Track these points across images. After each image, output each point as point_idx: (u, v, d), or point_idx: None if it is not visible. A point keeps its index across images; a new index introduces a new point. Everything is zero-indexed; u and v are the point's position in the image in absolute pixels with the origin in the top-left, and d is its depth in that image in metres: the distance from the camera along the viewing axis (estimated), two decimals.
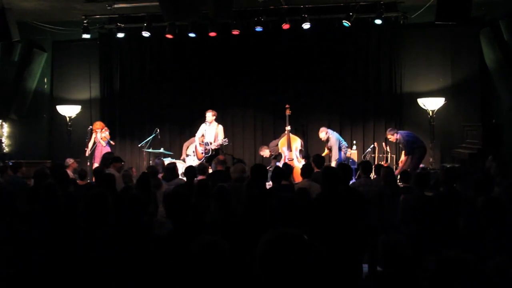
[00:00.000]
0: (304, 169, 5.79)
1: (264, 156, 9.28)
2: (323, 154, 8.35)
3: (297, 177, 7.10)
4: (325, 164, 7.12)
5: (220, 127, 8.95)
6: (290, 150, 8.95)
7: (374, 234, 3.58)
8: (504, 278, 1.61)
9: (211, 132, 8.89)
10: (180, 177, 6.74)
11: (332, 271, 2.79)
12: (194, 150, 9.15)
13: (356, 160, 9.00)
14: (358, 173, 6.92)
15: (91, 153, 9.49)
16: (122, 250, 3.14)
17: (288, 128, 9.03)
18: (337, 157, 8.55)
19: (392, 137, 8.39)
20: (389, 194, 5.14)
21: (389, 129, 8.59)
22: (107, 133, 9.43)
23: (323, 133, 8.86)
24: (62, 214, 4.09)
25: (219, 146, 8.81)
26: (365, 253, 4.10)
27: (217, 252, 2.10)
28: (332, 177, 3.98)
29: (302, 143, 9.20)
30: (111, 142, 9.50)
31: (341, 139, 8.99)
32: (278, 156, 9.20)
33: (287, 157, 8.91)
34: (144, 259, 3.08)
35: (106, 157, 7.62)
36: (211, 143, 8.77)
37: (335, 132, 9.02)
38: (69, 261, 3.10)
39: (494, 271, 1.63)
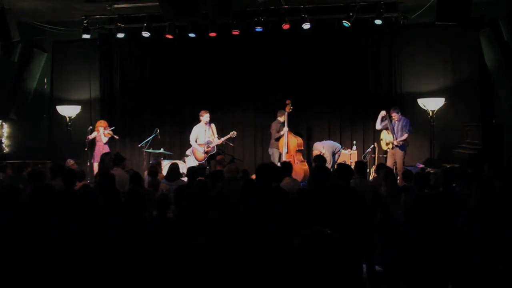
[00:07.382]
0: (284, 167, 5.64)
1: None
2: None
3: (295, 176, 7.07)
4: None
5: (213, 125, 9.06)
6: (288, 151, 8.94)
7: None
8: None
9: (209, 132, 8.96)
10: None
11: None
12: (191, 151, 9.14)
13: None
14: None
15: (91, 152, 9.49)
16: (126, 246, 3.17)
17: (286, 129, 8.99)
18: (331, 163, 8.55)
19: (397, 115, 8.58)
20: (389, 195, 5.13)
21: (393, 108, 8.72)
22: (110, 130, 9.44)
23: (316, 151, 8.82)
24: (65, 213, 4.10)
25: (224, 141, 8.95)
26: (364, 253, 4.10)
27: (217, 253, 2.10)
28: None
29: (303, 142, 9.18)
30: (115, 136, 9.51)
31: (334, 144, 9.01)
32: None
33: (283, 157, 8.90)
34: (147, 254, 3.11)
35: (103, 159, 7.57)
36: (212, 140, 8.85)
37: (327, 142, 9.05)
38: (70, 261, 3.11)
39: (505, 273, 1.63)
